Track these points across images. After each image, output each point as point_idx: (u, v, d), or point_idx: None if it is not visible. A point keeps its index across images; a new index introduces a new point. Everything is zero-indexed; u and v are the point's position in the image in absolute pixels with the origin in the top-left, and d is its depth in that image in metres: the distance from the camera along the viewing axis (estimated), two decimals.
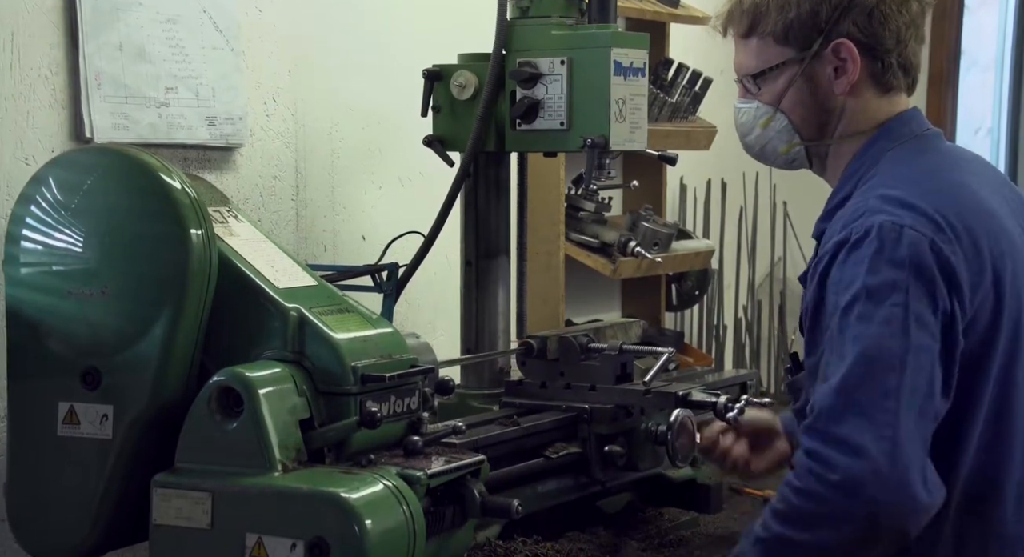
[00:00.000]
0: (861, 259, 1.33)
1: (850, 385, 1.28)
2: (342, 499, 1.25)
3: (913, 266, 1.32)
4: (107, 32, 1.80)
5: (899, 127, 1.49)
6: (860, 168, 1.47)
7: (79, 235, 1.41)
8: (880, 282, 1.31)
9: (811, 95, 1.49)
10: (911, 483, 1.26)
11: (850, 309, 1.32)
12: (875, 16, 1.45)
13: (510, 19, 1.86)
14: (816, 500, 1.28)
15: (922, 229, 1.34)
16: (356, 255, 2.19)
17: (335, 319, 1.41)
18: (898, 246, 1.32)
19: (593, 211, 2.53)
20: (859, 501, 1.26)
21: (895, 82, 1.49)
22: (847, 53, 1.46)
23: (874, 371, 1.28)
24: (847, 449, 1.26)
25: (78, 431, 1.40)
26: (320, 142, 2.18)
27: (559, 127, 1.81)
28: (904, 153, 1.46)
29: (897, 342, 1.29)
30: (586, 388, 1.76)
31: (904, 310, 1.30)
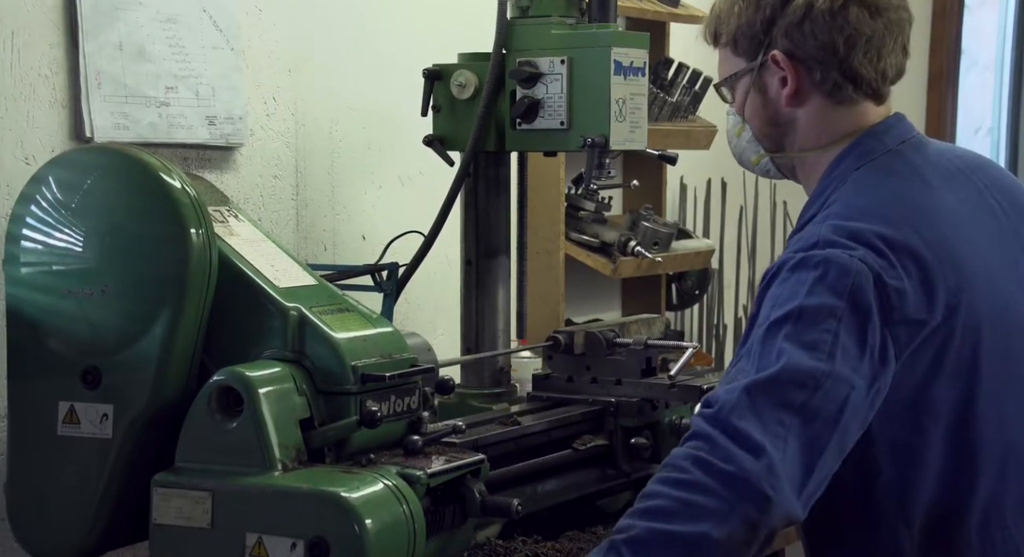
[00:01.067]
0: (803, 280, 1.29)
1: (759, 389, 1.23)
2: (342, 498, 1.25)
3: (852, 298, 1.26)
4: (107, 31, 1.80)
5: (870, 141, 1.42)
6: (827, 188, 1.42)
7: (79, 234, 1.42)
8: (816, 306, 1.26)
9: (763, 106, 1.47)
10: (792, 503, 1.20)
11: (779, 326, 1.27)
12: (804, 28, 1.41)
13: (510, 18, 1.86)
14: (703, 491, 1.18)
15: (871, 262, 1.29)
16: (356, 255, 2.19)
17: (335, 319, 1.41)
18: (842, 276, 1.28)
19: (593, 210, 2.53)
20: (743, 499, 1.18)
21: (844, 94, 1.42)
22: (784, 65, 1.42)
23: (785, 385, 1.23)
24: (747, 445, 1.19)
25: (78, 430, 1.40)
26: (320, 141, 2.18)
27: (559, 127, 1.81)
28: (870, 175, 1.40)
29: (818, 365, 1.23)
30: (612, 382, 1.79)
31: (834, 337, 1.25)
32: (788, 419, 1.22)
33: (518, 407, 1.84)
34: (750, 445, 1.19)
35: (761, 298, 1.34)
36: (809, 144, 1.46)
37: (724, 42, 1.50)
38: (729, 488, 1.18)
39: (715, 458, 1.19)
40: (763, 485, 1.18)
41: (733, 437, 1.20)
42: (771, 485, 1.18)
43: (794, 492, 1.20)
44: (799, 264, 1.31)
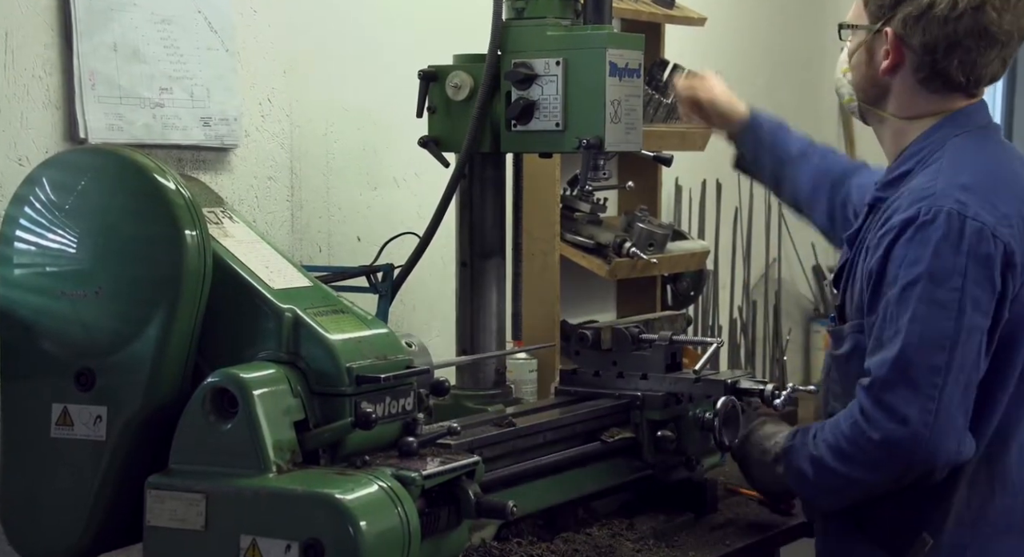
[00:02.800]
0: (927, 241, 1.51)
1: (904, 359, 1.49)
2: (337, 500, 1.25)
3: (973, 252, 1.50)
4: (101, 32, 1.79)
5: (963, 118, 1.63)
6: (924, 149, 1.62)
7: (73, 236, 1.41)
8: (942, 267, 1.50)
9: (867, 64, 1.66)
10: (945, 449, 1.50)
11: (911, 287, 1.50)
12: (920, 22, 1.59)
13: (505, 20, 1.86)
14: (858, 448, 1.53)
15: (983, 217, 1.51)
16: (351, 256, 2.18)
17: (330, 320, 1.40)
18: (962, 233, 1.50)
19: (588, 212, 2.53)
20: (894, 459, 1.51)
21: (934, 85, 1.62)
22: (891, 43, 1.61)
23: (927, 349, 1.49)
24: (893, 416, 1.49)
25: (72, 433, 1.40)
26: (315, 143, 2.18)
27: (554, 128, 1.81)
28: (969, 142, 1.61)
29: (950, 324, 1.49)
30: (638, 376, 1.86)
31: (960, 294, 1.49)
32: (938, 379, 1.49)
33: (513, 409, 1.84)
34: (896, 416, 1.49)
35: (887, 254, 1.54)
36: (900, 112, 1.65)
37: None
38: (880, 451, 1.51)
39: (870, 428, 1.52)
40: (903, 449, 1.50)
41: (883, 408, 1.50)
42: (912, 449, 1.50)
43: (955, 436, 1.50)
44: (922, 225, 1.51)
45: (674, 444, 1.80)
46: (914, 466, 1.52)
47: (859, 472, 1.55)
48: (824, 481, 1.60)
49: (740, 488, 2.02)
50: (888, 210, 1.59)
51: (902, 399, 1.49)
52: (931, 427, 1.48)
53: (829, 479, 1.59)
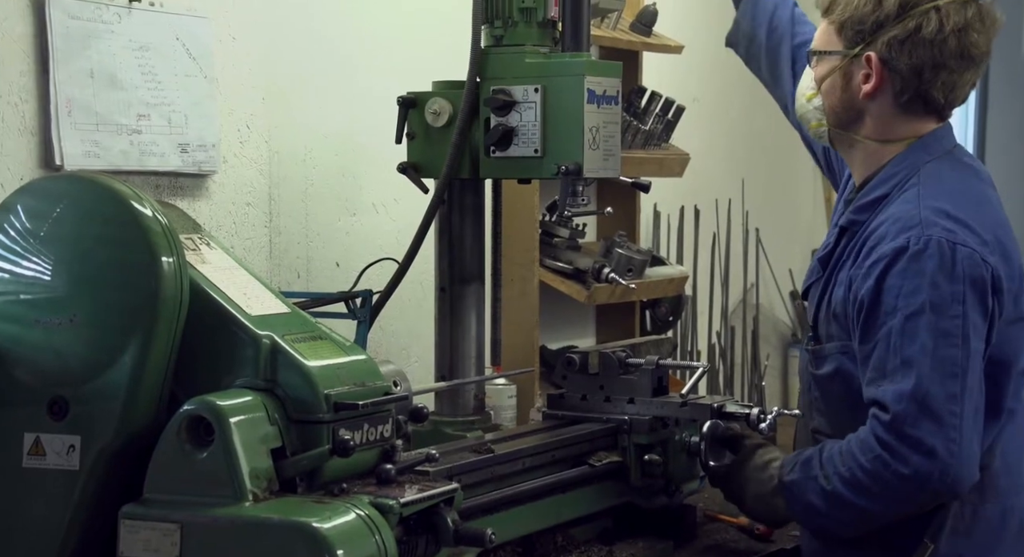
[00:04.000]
0: (922, 271, 1.52)
1: (922, 391, 1.50)
2: (314, 529, 1.23)
3: (968, 279, 1.52)
4: (78, 59, 1.79)
5: (934, 142, 1.65)
6: (898, 173, 1.63)
7: (47, 263, 1.40)
8: (942, 297, 1.51)
9: (842, 89, 1.64)
10: (969, 476, 1.52)
11: (915, 318, 1.51)
12: (905, 46, 1.59)
13: (484, 47, 1.88)
14: (882, 482, 1.52)
15: (972, 244, 1.53)
16: (330, 282, 2.18)
17: (308, 346, 1.39)
18: (955, 261, 1.52)
19: (567, 237, 2.54)
20: (923, 491, 1.52)
21: (914, 107, 1.63)
22: (873, 67, 1.59)
23: (942, 379, 1.50)
24: (919, 449, 1.49)
25: (44, 462, 1.38)
26: (294, 169, 2.18)
27: (533, 154, 1.82)
28: (942, 167, 1.62)
29: (958, 352, 1.51)
30: (625, 400, 1.85)
31: (963, 321, 1.51)
32: (956, 407, 1.51)
33: (492, 435, 1.84)
34: (924, 449, 1.50)
35: (879, 284, 1.54)
36: (875, 136, 1.65)
37: (832, 19, 1.66)
38: (909, 486, 1.51)
39: (897, 463, 1.51)
40: (933, 482, 1.51)
41: (909, 443, 1.50)
42: (941, 479, 1.50)
43: (976, 461, 1.53)
44: (915, 255, 1.53)
45: (661, 468, 1.80)
46: (941, 496, 1.53)
47: (880, 505, 1.54)
48: (840, 515, 1.58)
49: (720, 514, 2.01)
50: (867, 236, 1.60)
51: (927, 432, 1.49)
52: (956, 456, 1.49)
53: (846, 513, 1.57)
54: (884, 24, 1.59)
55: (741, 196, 3.34)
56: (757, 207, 3.39)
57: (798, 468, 1.62)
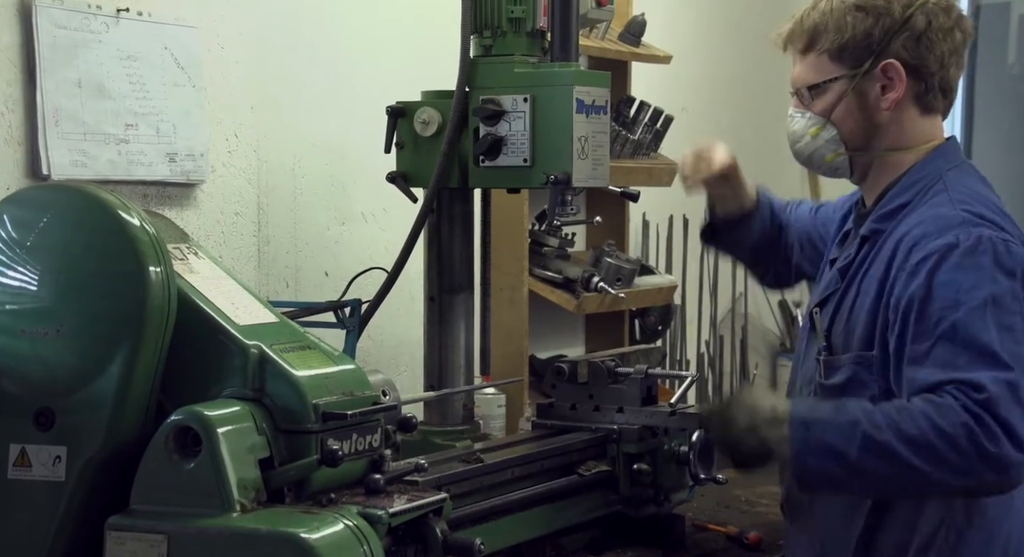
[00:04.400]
0: (980, 266, 1.50)
1: (1015, 381, 1.46)
2: (302, 540, 1.23)
3: (1021, 276, 1.52)
4: (65, 69, 1.79)
5: (951, 152, 1.67)
6: (920, 181, 1.63)
7: (34, 273, 1.39)
8: (1002, 292, 1.50)
9: (859, 109, 1.64)
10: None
11: (982, 313, 1.48)
12: (923, 41, 1.60)
13: (473, 57, 1.88)
14: (958, 451, 1.45)
15: (1018, 244, 1.54)
16: (319, 291, 2.18)
17: (296, 356, 1.39)
18: (1009, 257, 1.52)
19: (557, 247, 2.54)
20: (1002, 477, 1.47)
21: (935, 103, 1.64)
22: (895, 73, 1.62)
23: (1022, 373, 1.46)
24: (1013, 437, 1.44)
25: (29, 474, 1.37)
26: (283, 178, 2.18)
27: (522, 164, 1.82)
28: (962, 176, 1.63)
29: (1021, 349, 1.48)
30: (614, 410, 1.84)
31: (1022, 318, 1.50)
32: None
33: (481, 444, 1.83)
34: (1015, 437, 1.45)
35: (930, 280, 1.51)
36: (896, 145, 1.65)
37: (821, 49, 1.64)
38: (989, 467, 1.45)
39: (985, 439, 1.44)
40: (1014, 472, 1.47)
41: (1003, 426, 1.45)
42: (1018, 472, 1.47)
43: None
44: (968, 251, 1.51)
45: (650, 477, 1.80)
46: (1002, 487, 1.49)
47: (940, 472, 1.45)
48: (879, 468, 1.46)
49: (708, 524, 2.01)
50: (899, 239, 1.56)
51: (1018, 420, 1.44)
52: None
53: (890, 468, 1.46)
54: (892, 30, 1.59)
55: None
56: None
57: (829, 407, 1.51)
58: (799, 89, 1.67)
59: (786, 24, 1.68)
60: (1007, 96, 4.54)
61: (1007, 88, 4.53)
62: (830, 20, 1.62)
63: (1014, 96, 4.53)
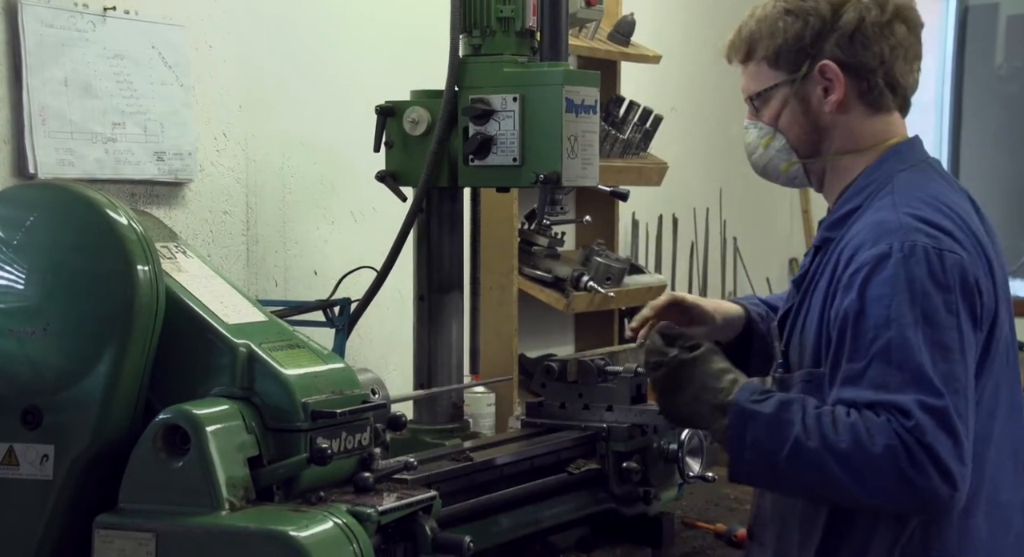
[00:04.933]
0: (912, 279, 1.43)
1: (941, 407, 1.40)
2: (291, 538, 1.23)
3: (960, 289, 1.44)
4: (52, 68, 1.78)
5: (907, 151, 1.59)
6: (870, 184, 1.56)
7: (20, 272, 1.39)
8: (936, 308, 1.43)
9: (803, 114, 1.59)
10: (960, 500, 1.42)
11: (914, 331, 1.42)
12: (857, 39, 1.55)
13: (462, 56, 1.88)
14: (882, 476, 1.40)
15: (958, 251, 1.46)
16: (308, 290, 2.17)
17: (285, 355, 1.39)
18: (944, 270, 1.44)
19: (546, 246, 2.54)
20: (927, 505, 1.42)
21: (883, 101, 1.57)
22: (832, 74, 1.55)
23: (953, 397, 1.41)
24: (939, 465, 1.39)
25: (17, 472, 1.36)
26: (271, 177, 2.17)
27: (512, 163, 1.82)
28: (916, 176, 1.56)
29: (960, 367, 1.43)
30: (603, 408, 1.84)
31: (959, 334, 1.44)
32: (964, 428, 1.42)
33: (471, 443, 1.83)
34: (942, 468, 1.39)
35: (863, 292, 1.44)
36: (846, 148, 1.59)
37: (760, 57, 1.60)
38: (906, 490, 1.40)
39: (909, 466, 1.39)
40: (938, 505, 1.41)
41: (928, 454, 1.39)
42: (943, 504, 1.41)
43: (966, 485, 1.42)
44: (900, 261, 1.44)
45: (639, 475, 1.80)
46: (928, 511, 1.44)
47: (861, 491, 1.41)
48: (802, 472, 1.43)
49: (697, 522, 2.02)
50: (842, 247, 1.50)
51: (945, 450, 1.39)
52: (963, 482, 1.40)
53: (815, 476, 1.42)
54: (823, 30, 1.54)
55: (719, 205, 3.36)
56: (735, 216, 3.41)
57: (772, 404, 1.46)
58: (746, 99, 1.63)
59: (729, 35, 1.63)
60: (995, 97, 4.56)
61: (995, 89, 4.56)
62: (764, 27, 1.57)
63: (1002, 97, 4.56)
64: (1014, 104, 4.52)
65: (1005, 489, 1.54)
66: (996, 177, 4.54)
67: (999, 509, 1.52)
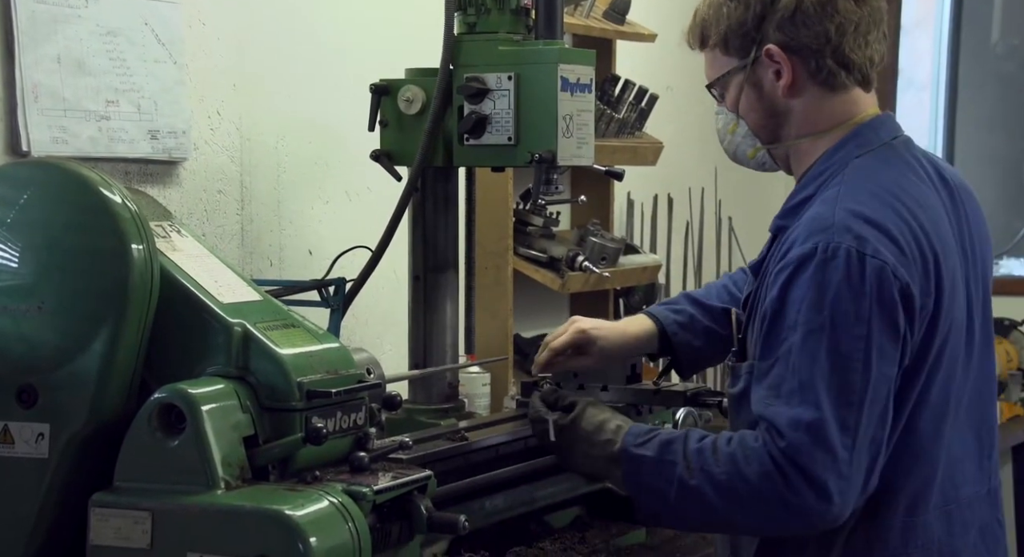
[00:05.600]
0: (828, 283, 1.40)
1: (818, 422, 1.38)
2: (286, 517, 1.23)
3: (876, 296, 1.39)
4: (45, 44, 1.77)
5: (868, 133, 1.53)
6: (825, 170, 1.51)
7: (14, 250, 1.38)
8: (845, 314, 1.39)
9: (759, 100, 1.55)
10: (847, 513, 1.42)
11: (816, 338, 1.39)
12: (797, 19, 1.50)
13: (457, 35, 1.87)
14: (762, 502, 1.42)
15: (884, 256, 1.40)
16: (303, 270, 2.17)
17: (280, 334, 1.39)
18: (863, 276, 1.39)
19: (541, 226, 2.54)
20: (801, 523, 1.42)
21: (837, 80, 1.52)
22: (778, 57, 1.52)
23: (838, 408, 1.38)
24: (814, 485, 1.39)
25: (12, 451, 1.37)
26: (266, 156, 2.16)
27: (507, 142, 1.82)
28: (871, 162, 1.50)
29: (858, 378, 1.39)
30: (598, 388, 1.84)
31: (866, 344, 1.39)
32: (849, 440, 1.39)
33: (466, 422, 1.84)
34: (817, 485, 1.39)
35: (783, 293, 1.42)
36: (805, 131, 1.54)
37: (712, 44, 1.57)
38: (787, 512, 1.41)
39: (784, 488, 1.40)
40: (815, 520, 1.41)
41: (803, 474, 1.39)
42: (823, 518, 1.41)
43: (857, 498, 1.42)
44: (820, 264, 1.40)
45: None
46: (815, 528, 1.43)
47: (747, 519, 1.44)
48: (690, 510, 1.46)
49: None
50: (787, 240, 1.47)
51: (820, 465, 1.37)
52: (843, 494, 1.39)
53: (700, 512, 1.45)
54: (765, 15, 1.49)
55: (714, 185, 3.35)
56: (730, 196, 3.41)
57: (654, 446, 1.48)
58: (706, 86, 1.61)
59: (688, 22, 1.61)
60: (991, 75, 4.55)
61: (991, 67, 4.54)
62: (712, 13, 1.54)
63: (998, 76, 4.55)
64: (1010, 82, 4.51)
65: (967, 483, 1.52)
66: (991, 156, 4.54)
67: (959, 506, 1.51)
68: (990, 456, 1.56)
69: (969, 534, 1.52)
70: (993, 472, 1.57)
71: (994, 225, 1.70)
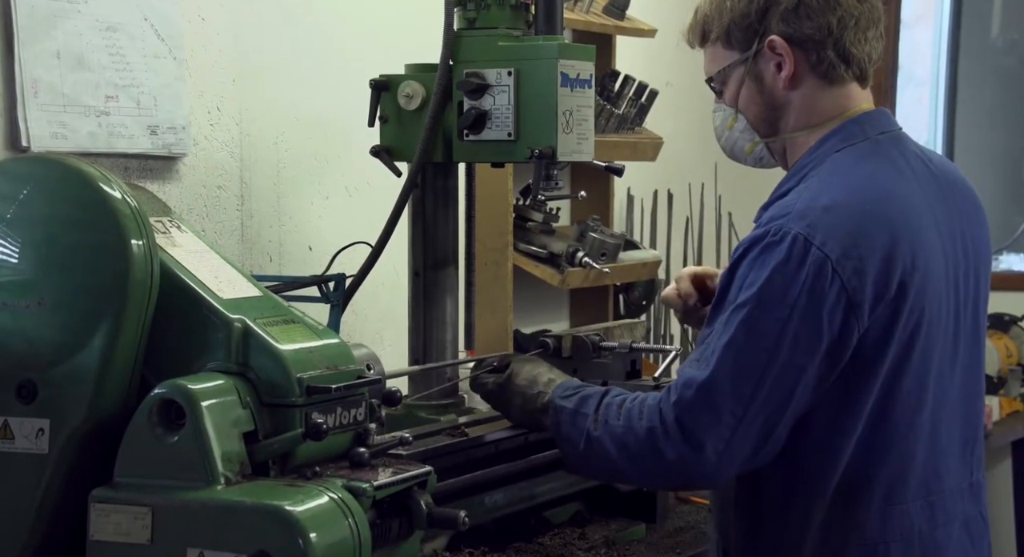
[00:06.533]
0: (766, 264, 1.43)
1: (712, 386, 1.44)
2: (286, 512, 1.23)
3: (809, 286, 1.41)
4: (44, 40, 1.76)
5: (854, 127, 1.55)
6: (808, 164, 1.54)
7: (14, 246, 1.38)
8: (773, 294, 1.42)
9: (759, 92, 1.57)
10: (725, 476, 1.48)
11: (740, 311, 1.44)
12: (801, 11, 1.54)
13: (457, 30, 1.87)
14: (644, 455, 1.49)
15: (829, 249, 1.41)
16: (302, 265, 2.17)
17: (280, 330, 1.39)
18: (802, 263, 1.42)
19: (541, 221, 2.54)
20: (679, 476, 1.50)
21: (837, 73, 1.55)
22: (782, 49, 1.54)
23: (736, 377, 1.43)
24: (690, 440, 1.45)
25: (12, 446, 1.37)
26: (266, 151, 2.16)
27: (506, 138, 1.82)
28: (849, 157, 1.52)
29: (765, 356, 1.42)
30: (598, 384, 1.82)
31: (783, 325, 1.41)
32: (739, 410, 1.43)
33: (466, 418, 1.84)
34: (693, 441, 1.45)
35: (733, 270, 1.47)
36: (802, 124, 1.57)
37: (714, 38, 1.60)
38: (666, 467, 1.48)
39: (664, 443, 1.47)
40: (690, 474, 1.47)
41: (683, 432, 1.45)
42: (698, 472, 1.47)
43: (740, 465, 1.46)
44: (767, 247, 1.44)
45: None
46: (693, 485, 1.59)
47: (634, 471, 1.52)
48: (592, 461, 1.53)
49: (691, 497, 2.04)
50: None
51: (701, 425, 1.43)
52: (720, 455, 1.43)
53: (599, 462, 1.53)
54: (768, 7, 1.53)
55: (714, 180, 3.35)
56: (730, 191, 3.41)
57: (575, 399, 1.56)
58: (706, 81, 1.63)
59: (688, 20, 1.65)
60: (991, 70, 4.54)
61: (991, 62, 4.54)
62: (714, 8, 1.57)
63: (998, 70, 4.54)
64: (1010, 77, 4.51)
65: (950, 477, 1.53)
66: (991, 151, 4.54)
67: (942, 499, 1.52)
68: (973, 451, 1.58)
69: (953, 526, 1.53)
70: (976, 466, 1.59)
71: (994, 220, 1.70)
